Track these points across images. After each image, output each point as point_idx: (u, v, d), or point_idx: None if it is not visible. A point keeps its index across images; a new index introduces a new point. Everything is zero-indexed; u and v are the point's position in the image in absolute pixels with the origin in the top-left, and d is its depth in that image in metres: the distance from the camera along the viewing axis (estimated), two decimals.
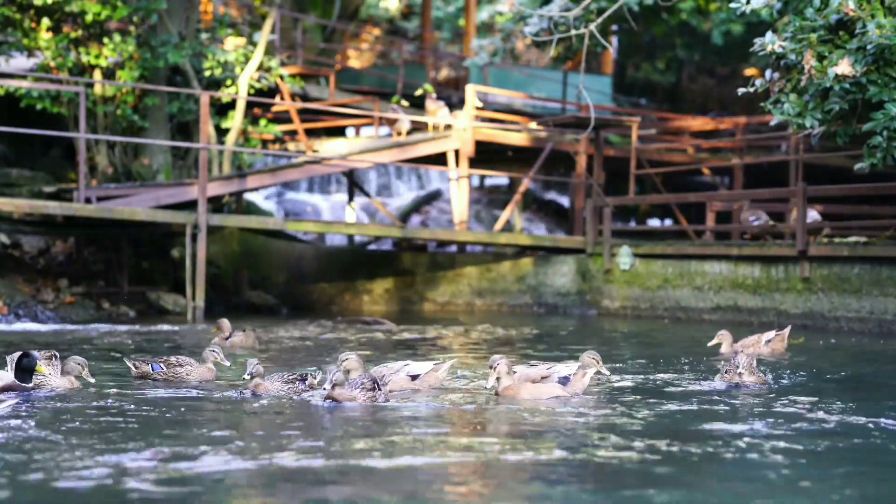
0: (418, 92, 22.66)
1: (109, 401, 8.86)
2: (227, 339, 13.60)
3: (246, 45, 22.85)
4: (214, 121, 21.48)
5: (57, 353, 10.00)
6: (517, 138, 22.21)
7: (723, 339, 12.54)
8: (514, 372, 9.26)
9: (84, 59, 20.00)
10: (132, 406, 8.64)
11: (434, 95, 22.48)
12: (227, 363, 10.38)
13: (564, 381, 9.22)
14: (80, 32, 20.08)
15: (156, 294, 19.53)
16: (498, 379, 9.07)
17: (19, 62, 21.05)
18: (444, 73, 35.90)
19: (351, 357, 9.44)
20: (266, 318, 18.54)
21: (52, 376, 9.44)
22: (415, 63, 33.18)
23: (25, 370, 9.27)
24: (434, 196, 28.14)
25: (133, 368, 10.29)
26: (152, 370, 10.12)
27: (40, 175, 20.77)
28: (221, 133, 21.99)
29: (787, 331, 12.90)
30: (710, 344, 12.55)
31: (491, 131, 21.75)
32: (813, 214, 18.49)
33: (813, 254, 16.64)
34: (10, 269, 18.79)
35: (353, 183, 22.98)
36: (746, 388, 9.61)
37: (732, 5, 12.93)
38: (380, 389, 8.89)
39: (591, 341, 14.70)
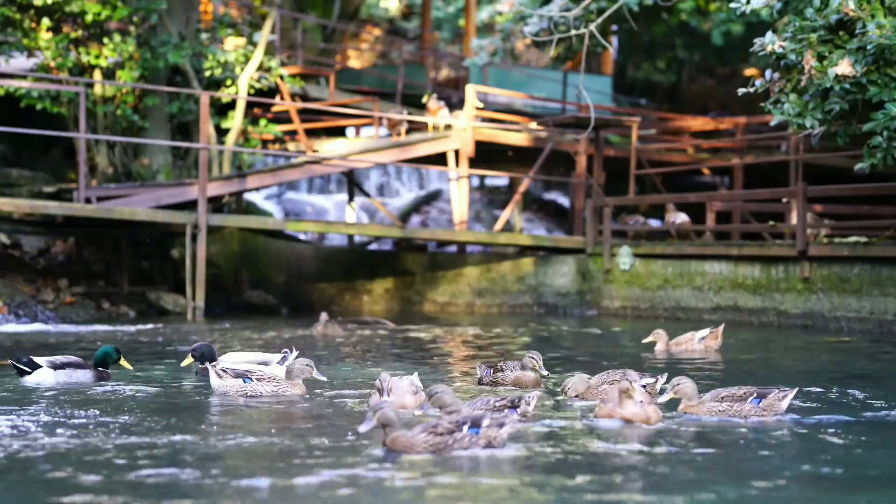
0: (425, 98, 22.65)
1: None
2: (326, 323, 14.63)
3: (246, 45, 22.84)
4: (214, 121, 21.47)
5: None
6: (517, 138, 22.21)
7: (658, 337, 12.66)
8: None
9: (84, 59, 20.00)
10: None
11: (435, 96, 22.50)
12: (324, 378, 9.34)
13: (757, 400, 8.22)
14: (80, 32, 20.08)
15: (156, 294, 19.53)
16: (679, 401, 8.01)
17: (19, 62, 21.05)
18: (444, 73, 35.89)
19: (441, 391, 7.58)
20: (266, 318, 18.56)
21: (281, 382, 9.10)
22: (415, 63, 33.17)
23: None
24: (434, 196, 28.13)
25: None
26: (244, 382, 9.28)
27: (40, 175, 20.77)
28: (221, 133, 21.98)
29: (720, 328, 13.02)
30: (644, 340, 12.68)
31: (491, 131, 21.75)
32: (682, 217, 18.62)
33: (813, 254, 16.64)
34: (10, 269, 18.78)
35: (353, 183, 22.98)
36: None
37: (732, 5, 12.93)
38: (463, 431, 6.77)
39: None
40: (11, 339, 13.96)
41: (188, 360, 10.24)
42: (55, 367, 9.85)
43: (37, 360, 9.88)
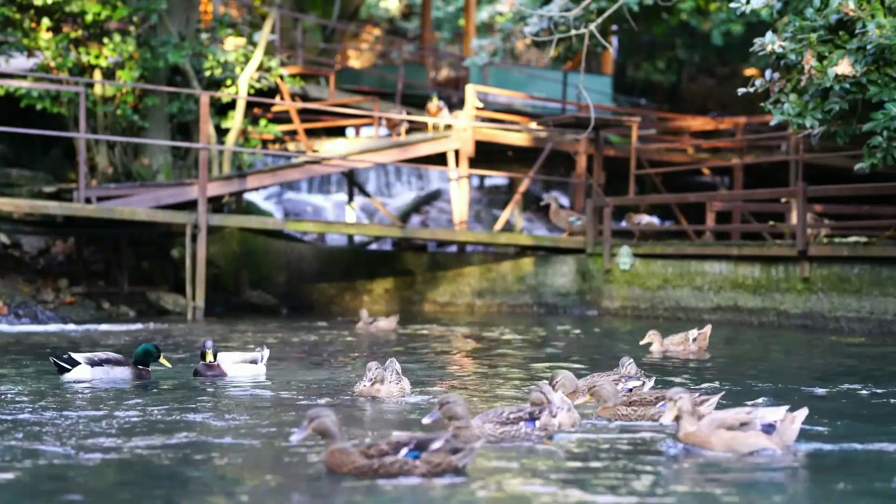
0: (431, 105, 22.60)
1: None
2: (371, 323, 15.73)
3: (246, 45, 22.85)
4: (214, 121, 21.47)
5: None
6: (517, 138, 22.21)
7: (653, 338, 12.71)
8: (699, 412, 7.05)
9: (84, 59, 20.01)
10: None
11: (435, 96, 22.54)
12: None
13: (769, 428, 6.84)
14: (80, 32, 20.08)
15: (156, 294, 19.52)
16: (678, 419, 6.89)
17: (19, 62, 21.06)
18: (444, 73, 35.89)
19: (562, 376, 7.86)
20: (266, 318, 18.55)
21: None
22: (415, 63, 33.17)
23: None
24: (434, 196, 28.13)
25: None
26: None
27: (40, 175, 20.77)
28: (221, 133, 21.99)
29: (707, 329, 13.10)
30: (642, 342, 12.71)
31: (491, 131, 21.75)
32: (649, 219, 18.65)
33: (813, 254, 16.63)
34: (10, 269, 18.78)
35: (353, 183, 22.97)
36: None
37: (732, 5, 12.93)
38: (399, 455, 6.07)
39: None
40: (11, 340, 13.95)
41: (210, 357, 10.18)
42: (94, 363, 9.84)
43: (76, 356, 9.86)
